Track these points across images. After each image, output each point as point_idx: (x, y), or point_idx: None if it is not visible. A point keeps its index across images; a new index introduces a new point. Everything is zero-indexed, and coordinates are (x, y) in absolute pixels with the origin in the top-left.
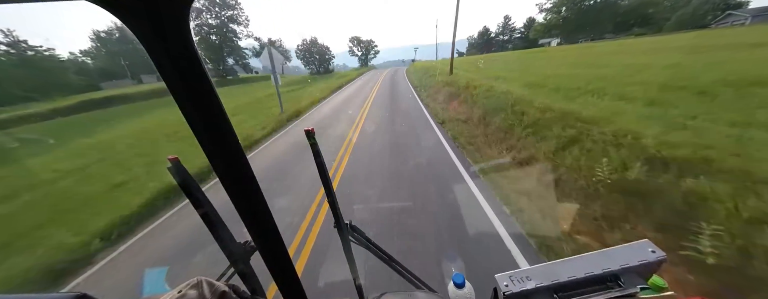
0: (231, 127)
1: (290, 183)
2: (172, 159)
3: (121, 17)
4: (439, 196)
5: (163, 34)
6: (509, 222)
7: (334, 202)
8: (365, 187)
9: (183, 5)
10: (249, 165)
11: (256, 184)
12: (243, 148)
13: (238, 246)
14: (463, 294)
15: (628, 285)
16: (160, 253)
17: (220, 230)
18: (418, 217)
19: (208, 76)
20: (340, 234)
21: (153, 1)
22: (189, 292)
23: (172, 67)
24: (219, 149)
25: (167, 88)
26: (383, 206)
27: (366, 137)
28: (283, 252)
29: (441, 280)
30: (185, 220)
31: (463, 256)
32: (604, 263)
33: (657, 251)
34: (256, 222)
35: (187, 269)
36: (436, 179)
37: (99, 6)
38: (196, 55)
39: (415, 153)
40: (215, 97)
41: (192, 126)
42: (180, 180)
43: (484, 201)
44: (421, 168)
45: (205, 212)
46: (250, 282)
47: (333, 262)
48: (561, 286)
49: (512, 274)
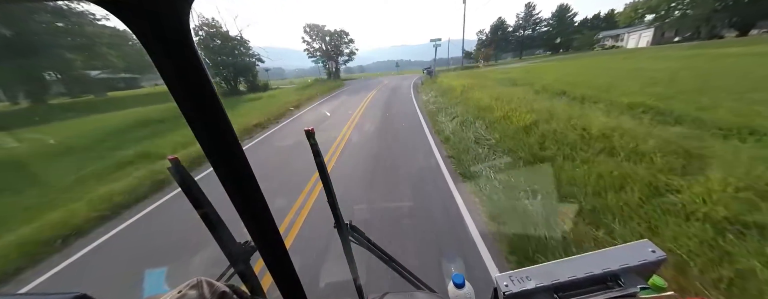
0: (231, 127)
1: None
2: (172, 159)
3: (120, 17)
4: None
5: (163, 34)
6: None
7: (334, 203)
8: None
9: (183, 5)
10: (249, 165)
11: (256, 184)
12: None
13: (238, 246)
14: (463, 294)
15: (628, 285)
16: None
17: (220, 230)
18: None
19: (208, 76)
20: (340, 234)
21: (153, 1)
22: (189, 292)
23: (172, 67)
24: (219, 149)
25: (167, 88)
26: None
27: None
28: (283, 252)
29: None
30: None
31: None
32: (604, 263)
33: (657, 251)
34: (256, 222)
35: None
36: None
37: (99, 6)
38: (196, 55)
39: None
40: (215, 97)
41: (192, 126)
42: (180, 180)
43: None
44: None
45: (205, 212)
46: (250, 282)
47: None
48: (561, 286)
49: (512, 274)
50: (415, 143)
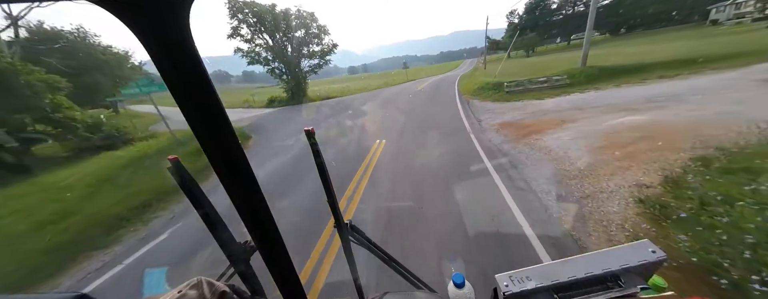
0: (231, 127)
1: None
2: (172, 159)
3: (119, 16)
4: None
5: (163, 34)
6: None
7: (334, 203)
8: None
9: (183, 5)
10: (249, 165)
11: (257, 184)
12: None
13: (238, 246)
14: (463, 294)
15: (629, 286)
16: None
17: (220, 230)
18: None
19: (207, 75)
20: (340, 234)
21: (152, 1)
22: (189, 292)
23: (172, 67)
24: (219, 149)
25: (167, 88)
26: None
27: None
28: (283, 252)
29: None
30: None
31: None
32: (605, 263)
33: (657, 251)
34: (256, 222)
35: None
36: None
37: (98, 5)
38: (196, 54)
39: None
40: (215, 97)
41: (192, 126)
42: (180, 180)
43: None
44: None
45: (205, 212)
46: (250, 282)
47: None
48: (561, 286)
49: (512, 274)
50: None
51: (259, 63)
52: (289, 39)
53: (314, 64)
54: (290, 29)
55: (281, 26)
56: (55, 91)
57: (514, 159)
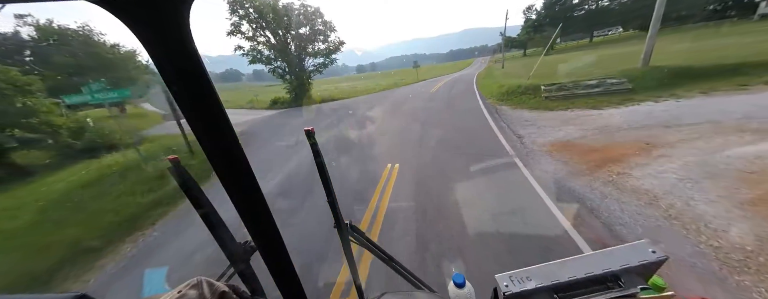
0: (231, 127)
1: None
2: (172, 159)
3: (120, 17)
4: None
5: (163, 34)
6: None
7: (334, 202)
8: None
9: (183, 5)
10: (249, 165)
11: (257, 184)
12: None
13: (238, 246)
14: (463, 294)
15: (629, 286)
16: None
17: (220, 230)
18: None
19: (208, 76)
20: (340, 234)
21: (153, 2)
22: (189, 292)
23: (172, 67)
24: (219, 149)
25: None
26: None
27: None
28: (283, 252)
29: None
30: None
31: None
32: (605, 263)
33: (657, 251)
34: (256, 222)
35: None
36: None
37: (99, 6)
38: (196, 54)
39: None
40: (215, 97)
41: (192, 126)
42: (180, 180)
43: None
44: None
45: (205, 212)
46: (250, 282)
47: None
48: (561, 286)
49: (512, 274)
50: None
51: (260, 62)
52: (292, 36)
53: (319, 63)
54: (293, 26)
55: (284, 23)
56: (27, 94)
57: (601, 212)
